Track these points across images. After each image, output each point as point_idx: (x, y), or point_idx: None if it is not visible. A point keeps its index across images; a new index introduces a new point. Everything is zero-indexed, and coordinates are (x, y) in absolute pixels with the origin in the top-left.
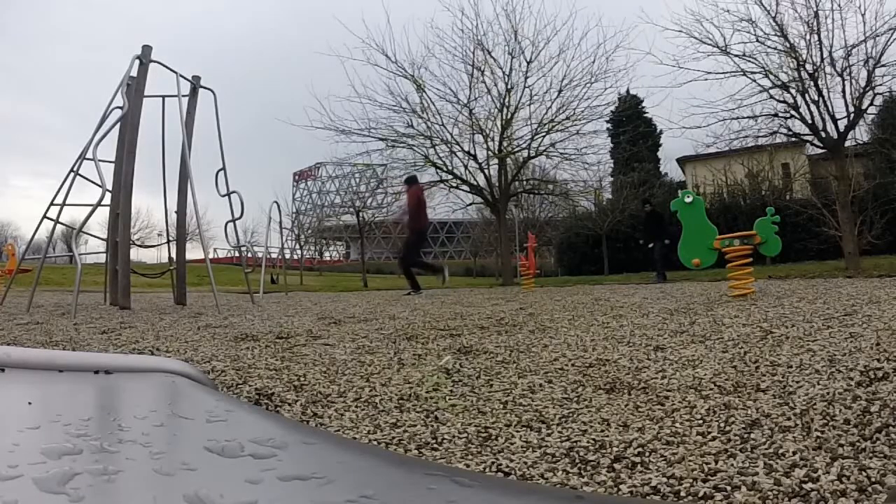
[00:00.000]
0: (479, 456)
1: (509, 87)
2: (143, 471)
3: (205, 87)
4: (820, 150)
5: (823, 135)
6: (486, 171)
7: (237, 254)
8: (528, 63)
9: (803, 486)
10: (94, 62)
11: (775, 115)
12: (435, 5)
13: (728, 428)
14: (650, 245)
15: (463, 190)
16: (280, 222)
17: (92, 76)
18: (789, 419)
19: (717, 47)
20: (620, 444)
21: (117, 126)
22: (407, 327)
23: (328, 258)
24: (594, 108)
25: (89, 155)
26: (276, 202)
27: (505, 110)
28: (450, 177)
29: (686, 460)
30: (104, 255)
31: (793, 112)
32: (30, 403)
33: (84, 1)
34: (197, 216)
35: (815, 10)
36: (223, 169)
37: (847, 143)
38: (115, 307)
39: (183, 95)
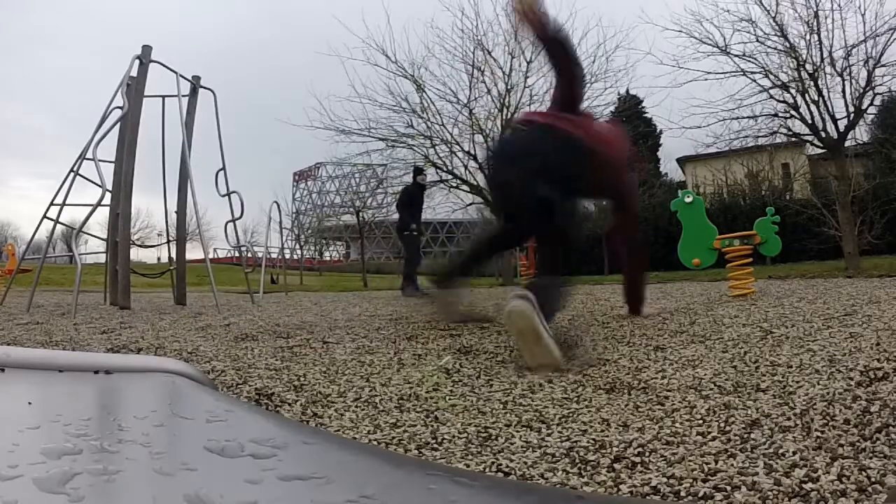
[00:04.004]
0: (479, 456)
1: (509, 87)
2: (143, 471)
3: (205, 87)
4: (820, 150)
5: (823, 135)
6: (486, 171)
7: (237, 254)
8: (528, 63)
9: (803, 486)
10: (83, 67)
11: (775, 115)
12: (435, 5)
13: (728, 428)
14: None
15: (463, 190)
16: (280, 222)
17: (81, 81)
18: (789, 419)
19: (717, 47)
20: (620, 444)
21: (117, 126)
22: (407, 327)
23: (328, 258)
24: (594, 108)
25: (89, 155)
26: (276, 202)
27: (505, 110)
28: (450, 177)
29: (686, 460)
30: (104, 255)
31: (793, 112)
32: (30, 403)
33: (74, 6)
34: (197, 216)
35: (815, 10)
36: (223, 169)
37: (847, 143)
38: (115, 307)
39: (183, 95)
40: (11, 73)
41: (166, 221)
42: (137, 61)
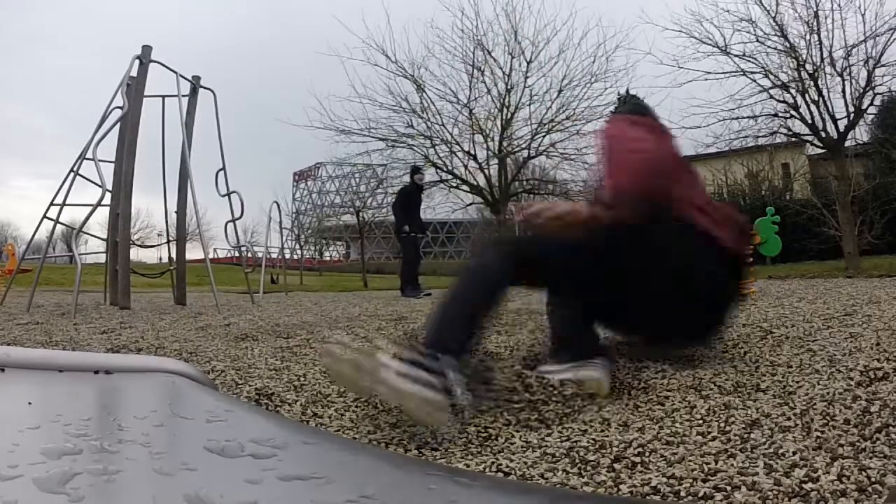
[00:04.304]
0: (479, 456)
1: (509, 87)
2: (143, 471)
3: (205, 87)
4: (820, 150)
5: (823, 135)
6: (486, 171)
7: (237, 254)
8: (528, 63)
9: (803, 486)
10: (83, 67)
11: (775, 115)
12: (435, 5)
13: (728, 428)
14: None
15: (463, 190)
16: (280, 222)
17: (81, 81)
18: (789, 419)
19: (717, 47)
20: (620, 444)
21: (117, 126)
22: (407, 327)
23: (328, 258)
24: (594, 108)
25: (89, 155)
26: (276, 202)
27: (505, 110)
28: (450, 177)
29: (686, 460)
30: (104, 255)
31: (793, 112)
32: (30, 403)
33: (74, 6)
34: (197, 216)
35: (815, 10)
36: (223, 169)
37: (847, 143)
38: (115, 307)
39: (183, 95)
40: (11, 73)
41: (166, 221)
42: (137, 61)
